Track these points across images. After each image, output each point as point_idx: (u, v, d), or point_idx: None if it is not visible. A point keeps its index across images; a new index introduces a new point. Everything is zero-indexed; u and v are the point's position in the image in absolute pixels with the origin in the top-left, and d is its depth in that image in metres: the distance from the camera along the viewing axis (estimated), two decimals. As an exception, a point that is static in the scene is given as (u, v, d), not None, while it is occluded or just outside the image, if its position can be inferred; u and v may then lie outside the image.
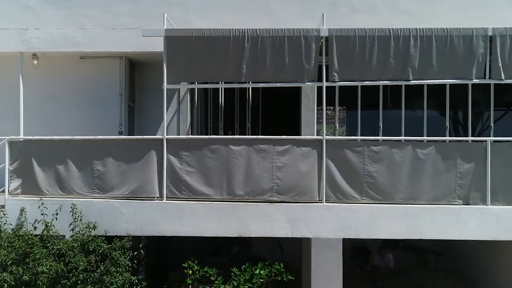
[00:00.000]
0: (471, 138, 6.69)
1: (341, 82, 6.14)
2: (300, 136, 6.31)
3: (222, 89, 8.34)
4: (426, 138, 6.38)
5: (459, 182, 6.09)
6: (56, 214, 6.04)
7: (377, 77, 6.14)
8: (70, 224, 6.02)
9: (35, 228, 5.98)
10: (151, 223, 6.11)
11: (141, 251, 6.23)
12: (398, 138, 6.32)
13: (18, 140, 6.46)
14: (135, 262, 6.00)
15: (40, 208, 6.03)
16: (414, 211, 6.03)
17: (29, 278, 5.46)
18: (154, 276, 7.22)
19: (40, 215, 6.02)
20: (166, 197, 6.16)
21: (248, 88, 8.23)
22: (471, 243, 8.23)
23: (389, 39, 6.01)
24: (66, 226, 6.06)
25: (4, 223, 6.09)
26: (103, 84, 7.89)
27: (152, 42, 7.01)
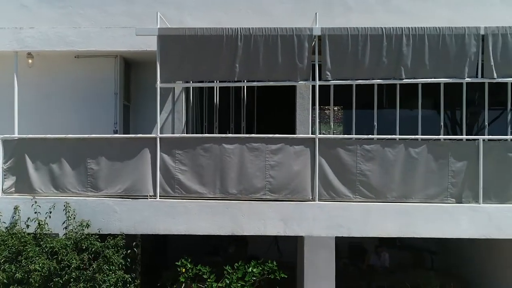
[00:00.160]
0: (464, 137, 6.70)
1: (334, 81, 6.16)
2: (293, 135, 6.31)
3: (217, 88, 8.35)
4: (418, 137, 6.39)
5: (452, 181, 6.11)
6: (50, 213, 6.06)
7: (370, 76, 6.16)
8: (64, 223, 6.04)
9: (28, 226, 6.00)
10: (144, 222, 6.13)
11: (134, 249, 6.23)
12: (391, 136, 6.33)
13: (12, 138, 6.48)
14: (128, 260, 6.01)
15: (33, 206, 6.05)
16: (407, 210, 6.05)
17: (21, 276, 5.49)
18: (149, 274, 7.22)
19: (34, 213, 6.03)
20: (160, 195, 6.18)
21: (243, 87, 8.24)
22: (467, 242, 8.22)
23: (381, 38, 6.03)
24: (59, 224, 6.09)
25: (-2, 222, 6.11)
26: (98, 83, 7.88)
27: (146, 41, 7.00)
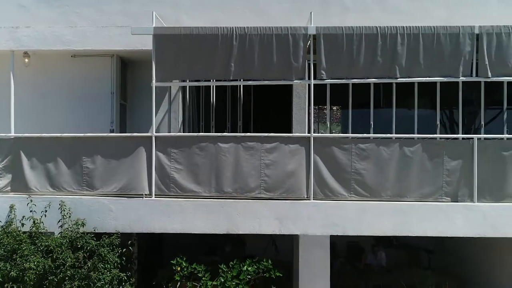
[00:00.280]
0: (458, 136, 6.71)
1: (328, 80, 6.17)
2: (288, 134, 6.32)
3: (214, 87, 8.36)
4: (412, 136, 6.40)
5: (446, 180, 6.12)
6: (45, 211, 6.07)
7: (364, 75, 6.17)
8: (59, 221, 6.05)
9: (23, 224, 6.01)
10: (139, 220, 6.14)
11: (130, 248, 6.24)
12: (385, 135, 6.34)
13: (8, 137, 6.49)
14: (124, 259, 6.02)
15: (29, 205, 6.06)
16: (402, 208, 6.06)
17: (16, 274, 5.50)
18: (146, 273, 7.23)
19: (30, 212, 6.04)
20: (155, 194, 6.19)
21: (239, 86, 8.25)
22: (464, 241, 8.21)
23: (376, 37, 6.04)
24: (55, 223, 6.10)
25: (-6, 220, 6.12)
26: (94, 83, 7.89)
27: (142, 40, 7.03)
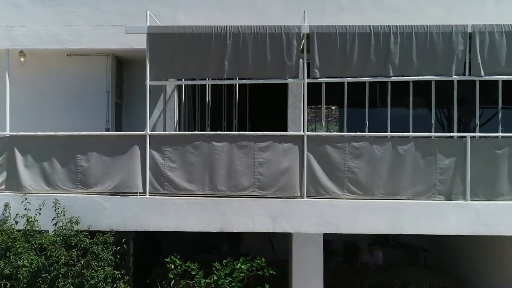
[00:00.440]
0: (451, 134, 6.73)
1: (322, 79, 6.18)
2: (281, 132, 6.34)
3: (209, 86, 8.39)
4: (405, 134, 6.42)
5: (439, 178, 6.13)
6: (40, 210, 6.08)
7: (358, 73, 6.19)
8: (53, 219, 6.07)
9: (17, 222, 6.04)
10: (133, 219, 6.16)
11: (124, 246, 6.26)
12: (379, 134, 6.35)
13: (3, 136, 6.51)
14: (118, 257, 6.04)
15: (23, 203, 6.08)
16: (395, 206, 6.07)
17: (10, 271, 5.52)
18: (142, 271, 7.25)
19: (24, 210, 6.06)
20: (149, 192, 6.21)
21: (235, 85, 8.27)
22: (460, 241, 8.26)
23: (369, 36, 6.05)
24: (49, 221, 6.11)
25: (-12, 219, 6.14)
26: (90, 82, 7.92)
27: (137, 39, 7.05)
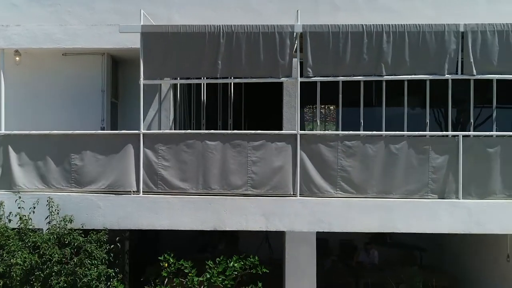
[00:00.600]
0: (445, 133, 6.75)
1: (315, 78, 6.21)
2: (275, 131, 6.36)
3: (204, 85, 8.41)
4: (398, 133, 6.43)
5: (432, 177, 6.15)
6: (34, 208, 6.11)
7: (351, 72, 6.21)
8: (47, 218, 6.09)
9: (10, 221, 6.06)
10: (127, 217, 6.18)
11: (118, 244, 6.29)
12: (371, 133, 6.36)
13: (-3, 134, 6.55)
14: (112, 255, 6.07)
15: (17, 202, 6.10)
16: (387, 205, 6.09)
17: (3, 269, 5.55)
18: (139, 270, 7.26)
19: (18, 209, 6.09)
20: (143, 191, 6.23)
21: (230, 84, 8.29)
22: (456, 240, 8.29)
23: (362, 35, 6.07)
24: (43, 219, 6.13)
25: (-18, 217, 6.16)
26: (86, 81, 7.92)
27: (132, 38, 7.05)
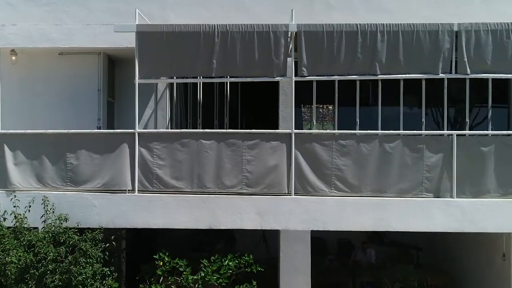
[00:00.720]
0: (440, 132, 6.77)
1: (309, 77, 6.23)
2: (269, 130, 6.38)
3: (200, 84, 8.44)
4: (394, 132, 6.44)
5: (426, 175, 6.16)
6: (29, 207, 6.12)
7: (345, 72, 6.22)
8: (42, 216, 6.11)
9: (5, 219, 6.08)
10: (122, 216, 6.20)
11: (113, 243, 6.31)
12: (366, 132, 6.38)
13: (-7, 133, 6.57)
14: (107, 253, 6.09)
15: (13, 200, 6.13)
16: (381, 204, 6.10)
17: (-2, 268, 5.58)
18: (135, 268, 7.27)
19: (13, 207, 6.11)
20: (138, 190, 6.25)
21: (226, 84, 8.32)
22: (452, 239, 8.31)
23: (356, 34, 6.09)
24: (39, 218, 6.15)
25: (-22, 216, 6.18)
26: (82, 80, 7.94)
27: (128, 38, 7.02)
